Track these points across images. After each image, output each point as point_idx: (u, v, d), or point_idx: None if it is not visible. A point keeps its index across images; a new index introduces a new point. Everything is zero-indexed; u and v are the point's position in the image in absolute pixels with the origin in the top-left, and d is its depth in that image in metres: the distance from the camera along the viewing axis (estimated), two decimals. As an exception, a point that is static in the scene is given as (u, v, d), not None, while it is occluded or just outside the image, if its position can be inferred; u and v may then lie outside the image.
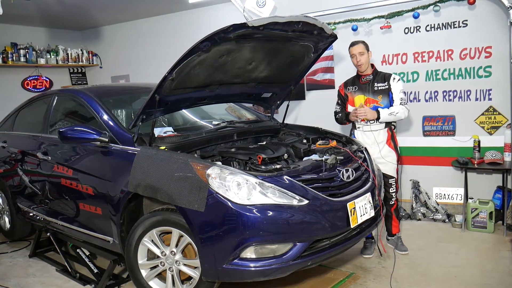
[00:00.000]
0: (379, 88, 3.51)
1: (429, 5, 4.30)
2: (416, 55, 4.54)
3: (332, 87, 4.98)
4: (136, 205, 2.97)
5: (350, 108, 3.62)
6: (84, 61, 7.10)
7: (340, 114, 3.68)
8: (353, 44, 3.53)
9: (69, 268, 3.48)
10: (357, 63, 3.50)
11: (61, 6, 5.42)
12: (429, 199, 4.54)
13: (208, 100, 3.35)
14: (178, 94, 2.95)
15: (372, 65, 3.59)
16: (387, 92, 3.49)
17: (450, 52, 4.36)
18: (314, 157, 2.97)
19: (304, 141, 3.47)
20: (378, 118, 3.45)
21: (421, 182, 4.62)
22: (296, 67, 3.48)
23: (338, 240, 2.69)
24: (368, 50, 3.51)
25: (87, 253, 3.49)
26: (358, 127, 3.63)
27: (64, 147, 3.38)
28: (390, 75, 3.54)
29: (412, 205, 4.61)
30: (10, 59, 6.18)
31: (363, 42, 3.52)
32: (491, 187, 4.28)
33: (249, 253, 2.42)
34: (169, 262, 2.73)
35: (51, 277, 3.53)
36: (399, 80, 3.52)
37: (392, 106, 3.48)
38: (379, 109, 3.45)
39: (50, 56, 6.71)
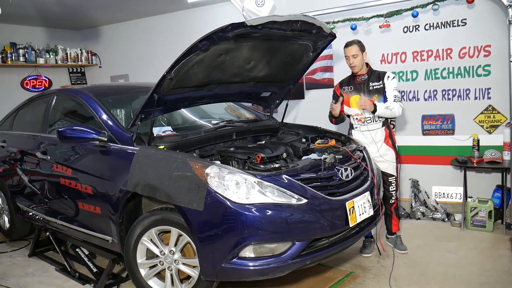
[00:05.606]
0: (374, 87, 3.49)
1: (428, 4, 4.30)
2: (415, 54, 4.53)
3: (331, 86, 4.96)
4: (135, 204, 2.97)
5: (345, 108, 3.61)
6: (83, 60, 7.09)
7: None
8: (347, 45, 3.49)
9: (68, 268, 3.49)
10: (351, 65, 3.49)
11: (60, 5, 5.42)
12: (429, 198, 4.54)
13: (207, 99, 3.35)
14: (177, 93, 2.95)
15: (367, 64, 3.57)
16: (382, 91, 3.47)
17: (449, 51, 4.36)
18: (313, 156, 2.97)
19: (303, 140, 3.47)
20: (374, 111, 3.41)
21: (420, 181, 4.62)
22: (295, 66, 3.47)
23: (337, 239, 2.69)
24: (363, 50, 3.46)
25: (87, 253, 3.50)
26: (356, 127, 3.62)
27: (63, 146, 3.39)
28: (384, 73, 3.51)
29: (411, 204, 4.61)
30: (9, 59, 6.19)
31: (358, 43, 3.46)
32: (490, 186, 4.28)
33: (248, 252, 2.42)
34: (168, 261, 2.73)
35: (51, 277, 3.53)
36: (393, 78, 3.49)
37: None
38: (375, 102, 3.42)
39: (49, 56, 6.70)
